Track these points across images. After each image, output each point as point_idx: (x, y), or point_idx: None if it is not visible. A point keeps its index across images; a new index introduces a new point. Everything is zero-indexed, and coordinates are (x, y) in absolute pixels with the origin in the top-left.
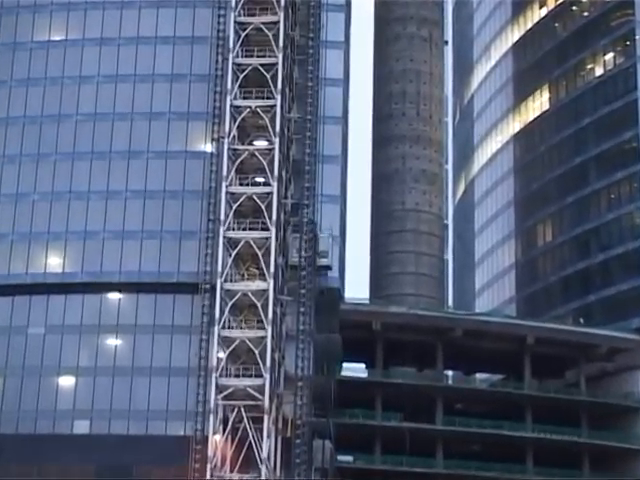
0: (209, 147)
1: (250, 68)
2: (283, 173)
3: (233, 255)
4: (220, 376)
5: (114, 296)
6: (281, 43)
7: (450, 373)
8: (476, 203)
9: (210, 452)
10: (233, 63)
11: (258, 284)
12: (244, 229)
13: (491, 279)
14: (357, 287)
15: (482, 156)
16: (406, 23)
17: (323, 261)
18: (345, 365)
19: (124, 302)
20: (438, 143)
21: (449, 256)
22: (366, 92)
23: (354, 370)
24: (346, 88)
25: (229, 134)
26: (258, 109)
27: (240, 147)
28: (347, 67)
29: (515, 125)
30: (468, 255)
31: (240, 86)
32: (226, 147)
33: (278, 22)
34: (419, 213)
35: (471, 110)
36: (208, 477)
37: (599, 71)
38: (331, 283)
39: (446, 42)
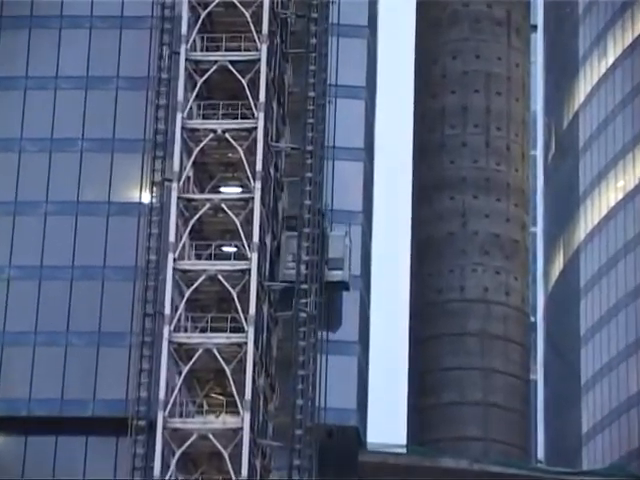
0: (146, 197)
1: (215, 68)
2: (267, 239)
3: (184, 373)
4: None
5: None
6: (265, 27)
7: None
8: (583, 290)
9: None
10: (187, 59)
11: (225, 420)
12: (203, 330)
13: (607, 416)
14: (387, 426)
15: (594, 214)
16: None
17: (336, 274)
18: None
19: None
20: (521, 191)
21: (538, 376)
22: (403, 109)
23: None
24: (370, 101)
25: (180, 175)
26: (227, 134)
27: (198, 197)
28: (372, 67)
29: None
30: (570, 376)
31: (199, 97)
32: (174, 196)
33: None
34: (489, 305)
35: (575, 137)
36: None
37: None
38: (345, 419)
39: (534, 28)
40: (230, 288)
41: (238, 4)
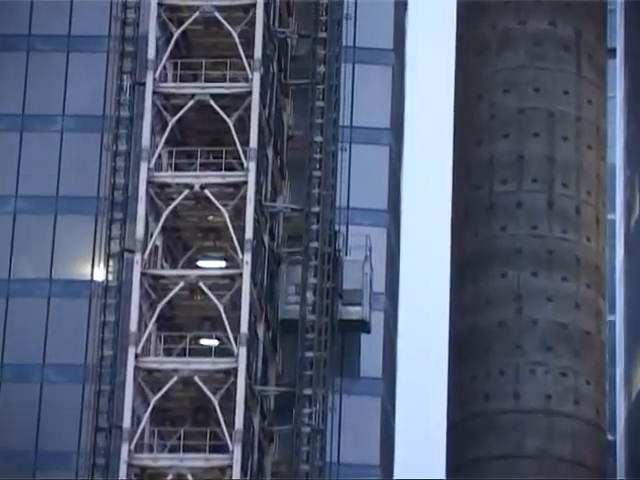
0: (100, 273)
1: (191, 103)
2: (260, 330)
3: None
4: None
5: None
6: (258, 51)
7: None
8: None
9: None
10: (156, 92)
11: None
12: (174, 450)
13: None
14: None
15: None
16: (527, 11)
17: (352, 311)
18: None
19: None
20: (594, 267)
21: None
22: (440, 158)
23: None
24: (396, 148)
25: (145, 245)
26: (207, 191)
27: (169, 273)
28: (399, 104)
29: None
30: None
31: (170, 142)
32: (137, 272)
33: (252, 5)
34: (552, 418)
35: None
36: None
37: None
38: None
39: (612, 52)
40: (210, 394)
41: (222, 20)
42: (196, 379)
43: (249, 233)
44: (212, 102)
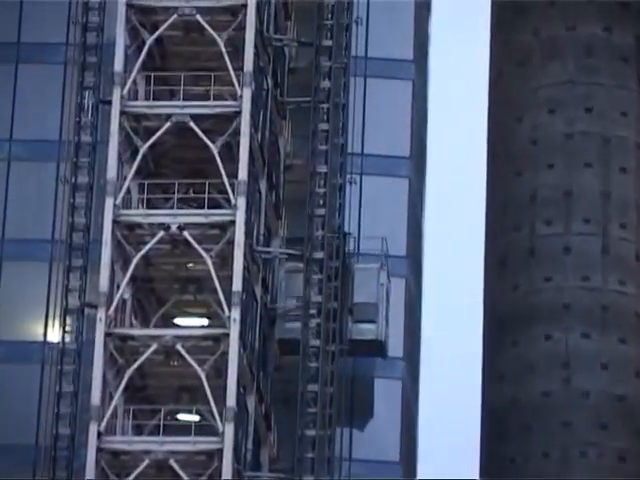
0: (54, 333)
1: (167, 126)
2: (250, 402)
3: None
4: None
5: None
6: (250, 62)
7: None
8: None
9: None
10: (124, 113)
11: None
12: None
13: None
14: None
15: None
16: (576, 15)
17: (365, 329)
18: None
19: None
20: None
21: None
22: (469, 194)
23: None
24: (418, 180)
25: (111, 298)
26: (186, 233)
27: (139, 332)
28: (421, 126)
29: None
30: None
31: (141, 173)
32: (101, 332)
33: (242, 7)
34: None
35: None
36: None
37: None
38: None
39: None
40: None
41: (205, 25)
42: (172, 463)
43: (237, 284)
44: (193, 124)
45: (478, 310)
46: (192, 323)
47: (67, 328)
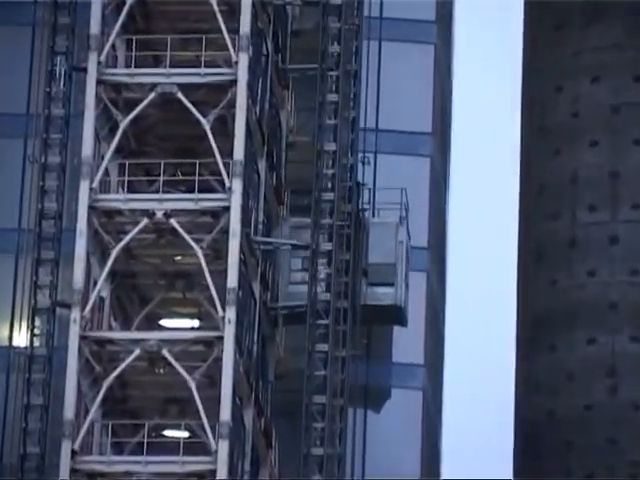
0: (21, 336)
1: (152, 97)
2: (247, 416)
3: None
4: None
5: None
6: (247, 24)
7: None
8: None
9: None
10: (101, 82)
11: None
12: None
13: None
14: None
15: None
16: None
17: (382, 293)
18: None
19: None
20: None
21: None
22: (503, 174)
23: None
24: (441, 160)
25: (87, 297)
26: (173, 221)
27: (119, 336)
28: (443, 97)
29: None
30: None
31: (122, 151)
32: (75, 336)
33: None
34: None
35: None
36: None
37: None
38: None
39: None
40: None
41: None
42: None
43: (232, 280)
44: (181, 95)
45: (510, 310)
46: (180, 325)
47: (36, 331)
